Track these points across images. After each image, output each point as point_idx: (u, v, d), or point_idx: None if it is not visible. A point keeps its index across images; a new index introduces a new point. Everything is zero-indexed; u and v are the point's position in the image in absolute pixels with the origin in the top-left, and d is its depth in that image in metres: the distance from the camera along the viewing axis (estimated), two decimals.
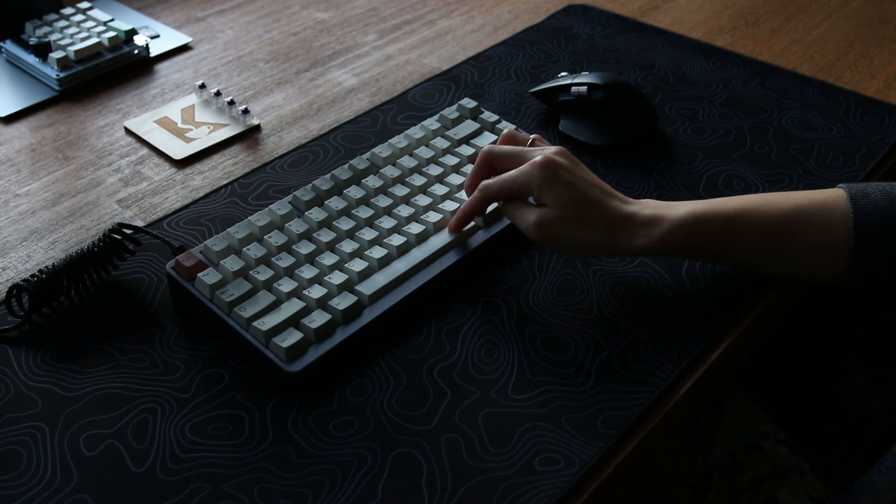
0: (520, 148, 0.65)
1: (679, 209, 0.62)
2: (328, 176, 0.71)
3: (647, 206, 0.63)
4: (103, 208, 0.75)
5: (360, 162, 0.73)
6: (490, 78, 0.91)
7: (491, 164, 0.66)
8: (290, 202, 0.70)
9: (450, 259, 0.65)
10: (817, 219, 0.61)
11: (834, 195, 0.62)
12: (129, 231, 0.66)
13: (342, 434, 0.55)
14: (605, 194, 0.62)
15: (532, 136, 0.68)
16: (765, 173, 0.77)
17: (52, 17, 0.97)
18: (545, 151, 0.62)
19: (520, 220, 0.63)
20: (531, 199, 0.63)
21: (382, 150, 0.74)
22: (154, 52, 0.97)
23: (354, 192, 0.69)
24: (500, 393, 0.58)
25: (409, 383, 0.58)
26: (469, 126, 0.78)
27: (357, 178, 0.71)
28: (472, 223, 0.67)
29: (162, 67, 0.95)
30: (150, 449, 0.54)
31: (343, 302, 0.60)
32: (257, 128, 0.85)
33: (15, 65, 0.94)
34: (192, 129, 0.84)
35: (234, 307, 0.60)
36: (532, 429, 0.55)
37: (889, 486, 0.58)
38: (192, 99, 0.89)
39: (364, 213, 0.68)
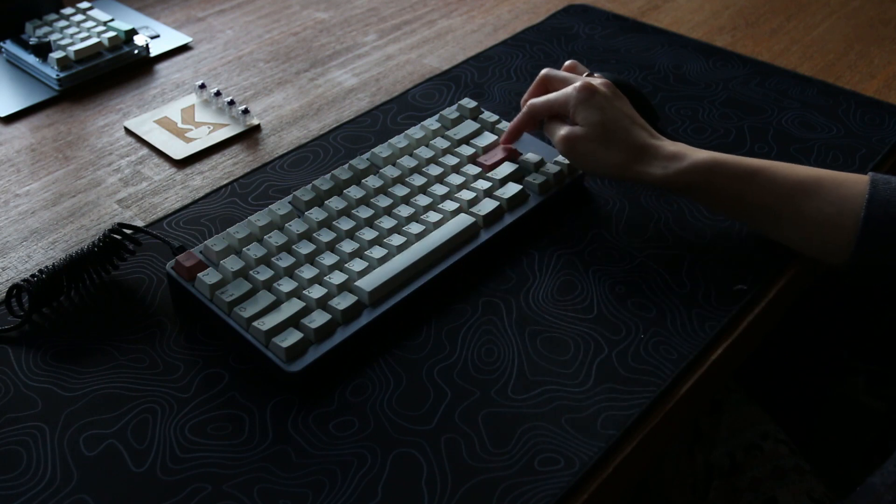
0: (572, 74, 0.71)
1: (702, 152, 0.66)
2: (328, 176, 0.71)
3: (674, 143, 0.67)
4: (103, 208, 0.75)
5: (360, 162, 0.73)
6: (490, 78, 0.91)
7: (546, 85, 0.73)
8: (290, 202, 0.70)
9: (450, 259, 0.65)
10: (833, 191, 0.63)
11: (857, 176, 0.64)
12: (129, 231, 0.66)
13: (342, 434, 0.55)
14: (634, 124, 0.67)
15: (592, 71, 0.73)
16: None
17: (52, 17, 0.97)
18: (591, 79, 0.68)
19: (552, 134, 0.69)
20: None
21: (382, 150, 0.74)
22: (154, 52, 0.97)
23: (354, 192, 0.69)
24: (500, 393, 0.58)
25: (409, 383, 0.58)
26: (469, 126, 0.78)
27: (357, 178, 0.71)
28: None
29: (162, 67, 0.95)
30: (150, 449, 0.54)
31: (343, 302, 0.60)
32: (257, 128, 0.85)
33: (15, 65, 0.94)
34: (192, 129, 0.84)
35: (234, 307, 0.60)
36: (532, 429, 0.55)
37: (889, 488, 0.58)
38: (192, 99, 0.89)
39: (364, 213, 0.68)
